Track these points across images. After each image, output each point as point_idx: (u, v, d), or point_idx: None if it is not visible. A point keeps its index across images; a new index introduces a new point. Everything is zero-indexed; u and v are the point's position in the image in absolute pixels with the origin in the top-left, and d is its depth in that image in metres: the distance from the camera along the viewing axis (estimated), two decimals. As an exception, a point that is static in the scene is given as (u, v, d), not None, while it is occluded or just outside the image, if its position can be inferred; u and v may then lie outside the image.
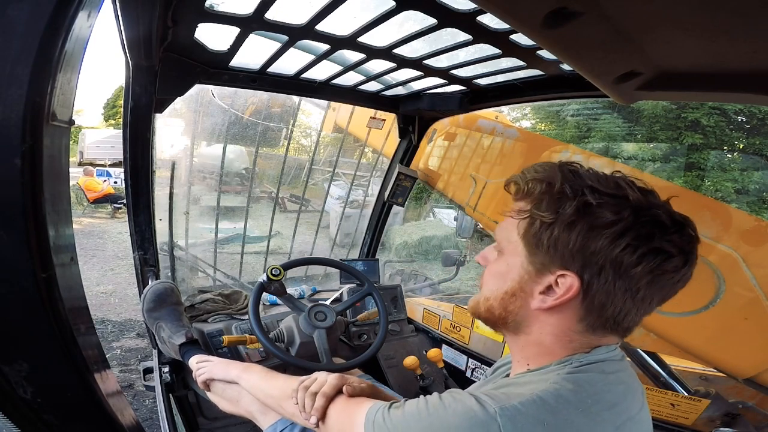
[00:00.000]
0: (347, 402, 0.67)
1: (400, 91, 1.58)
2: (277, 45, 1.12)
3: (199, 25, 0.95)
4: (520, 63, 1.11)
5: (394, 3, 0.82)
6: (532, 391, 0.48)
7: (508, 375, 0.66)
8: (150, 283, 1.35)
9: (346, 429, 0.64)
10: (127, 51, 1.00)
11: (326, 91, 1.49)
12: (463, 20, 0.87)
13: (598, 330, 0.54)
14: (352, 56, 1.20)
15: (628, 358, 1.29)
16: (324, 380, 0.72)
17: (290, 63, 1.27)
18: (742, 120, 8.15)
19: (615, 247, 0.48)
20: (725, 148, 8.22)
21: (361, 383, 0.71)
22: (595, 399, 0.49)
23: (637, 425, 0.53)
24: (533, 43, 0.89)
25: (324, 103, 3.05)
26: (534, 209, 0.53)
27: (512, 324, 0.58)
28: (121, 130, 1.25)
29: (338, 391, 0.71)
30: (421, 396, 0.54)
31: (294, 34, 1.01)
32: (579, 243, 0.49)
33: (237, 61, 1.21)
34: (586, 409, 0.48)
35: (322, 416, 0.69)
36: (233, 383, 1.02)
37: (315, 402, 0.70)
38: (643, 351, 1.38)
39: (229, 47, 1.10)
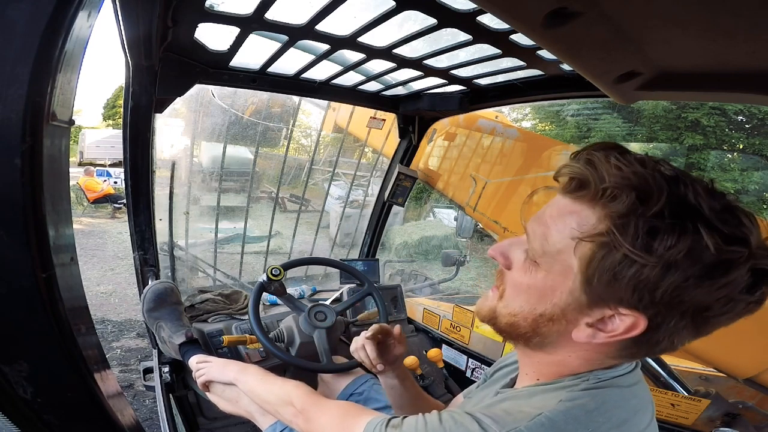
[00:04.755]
0: (347, 409, 0.67)
1: (400, 91, 1.58)
2: (277, 45, 1.12)
3: (199, 25, 0.95)
4: (520, 63, 1.11)
5: (394, 3, 0.82)
6: (540, 410, 0.45)
7: (512, 379, 0.63)
8: (150, 283, 1.35)
9: None
10: (127, 51, 1.00)
11: (326, 91, 1.49)
12: (463, 20, 0.87)
13: (635, 357, 0.49)
14: (352, 56, 1.20)
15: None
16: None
17: (290, 63, 1.27)
18: (742, 120, 8.15)
19: (710, 296, 0.38)
20: (725, 148, 8.22)
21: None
22: (606, 417, 0.46)
23: None
24: (533, 43, 0.89)
25: (324, 103, 3.04)
26: (617, 235, 0.38)
27: (536, 343, 0.50)
28: (121, 130, 1.25)
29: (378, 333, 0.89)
30: (420, 415, 0.52)
31: (294, 34, 1.01)
32: (672, 291, 0.38)
33: (237, 61, 1.21)
34: (595, 430, 0.45)
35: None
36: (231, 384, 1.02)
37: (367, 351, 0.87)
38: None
39: (229, 47, 1.10)
